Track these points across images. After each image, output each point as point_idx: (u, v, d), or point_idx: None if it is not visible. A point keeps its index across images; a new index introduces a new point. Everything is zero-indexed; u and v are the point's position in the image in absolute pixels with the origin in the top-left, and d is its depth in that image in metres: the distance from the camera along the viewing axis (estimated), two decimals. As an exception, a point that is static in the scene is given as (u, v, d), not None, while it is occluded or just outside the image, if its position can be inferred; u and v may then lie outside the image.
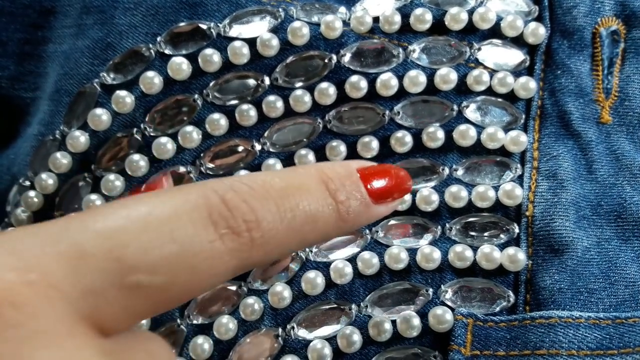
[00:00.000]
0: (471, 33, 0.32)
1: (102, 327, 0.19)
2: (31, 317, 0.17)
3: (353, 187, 0.25)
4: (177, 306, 0.26)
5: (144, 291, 0.19)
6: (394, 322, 0.29)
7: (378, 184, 0.25)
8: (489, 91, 0.31)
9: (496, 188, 0.30)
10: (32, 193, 0.32)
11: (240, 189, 0.22)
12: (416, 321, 0.29)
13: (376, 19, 0.31)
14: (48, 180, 0.32)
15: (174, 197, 0.21)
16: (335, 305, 0.30)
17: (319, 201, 0.23)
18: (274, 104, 0.31)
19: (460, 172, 0.31)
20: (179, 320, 0.30)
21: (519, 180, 0.30)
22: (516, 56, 0.32)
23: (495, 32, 0.32)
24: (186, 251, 0.20)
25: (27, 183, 0.33)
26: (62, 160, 0.32)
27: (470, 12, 0.31)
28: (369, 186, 0.25)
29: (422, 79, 0.31)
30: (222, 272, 0.21)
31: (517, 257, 0.29)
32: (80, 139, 0.32)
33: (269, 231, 0.22)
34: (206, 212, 0.21)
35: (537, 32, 0.32)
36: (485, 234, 0.30)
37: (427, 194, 0.30)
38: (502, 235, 0.30)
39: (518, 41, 0.32)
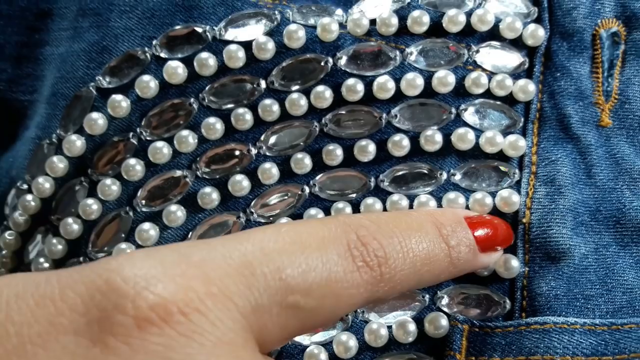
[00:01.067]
0: (469, 35, 0.31)
1: (262, 343, 0.21)
2: (214, 326, 0.19)
3: (463, 234, 0.26)
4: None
5: (299, 312, 0.21)
6: (390, 327, 0.29)
7: (484, 232, 0.27)
8: (488, 94, 0.31)
9: (493, 194, 0.30)
10: (29, 197, 0.32)
11: (369, 226, 0.24)
12: (412, 327, 0.29)
13: (373, 22, 0.31)
14: (45, 184, 0.32)
15: (318, 227, 0.23)
16: (331, 311, 0.30)
17: (435, 244, 0.25)
18: (270, 108, 0.31)
19: (457, 177, 0.30)
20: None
21: (517, 186, 0.30)
22: (515, 58, 0.31)
23: (493, 34, 0.31)
24: (333, 278, 0.22)
25: (25, 186, 0.33)
26: (59, 164, 0.32)
27: (468, 14, 0.31)
28: (475, 234, 0.27)
29: (420, 81, 0.31)
30: (356, 303, 0.23)
31: (510, 264, 0.29)
32: (76, 143, 0.32)
33: (395, 268, 0.24)
34: (346, 245, 0.23)
35: (536, 34, 0.31)
36: (483, 239, 0.30)
37: (424, 200, 0.30)
38: (498, 242, 0.30)
39: (517, 43, 0.31)
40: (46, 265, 0.32)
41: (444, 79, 0.31)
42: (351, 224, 0.24)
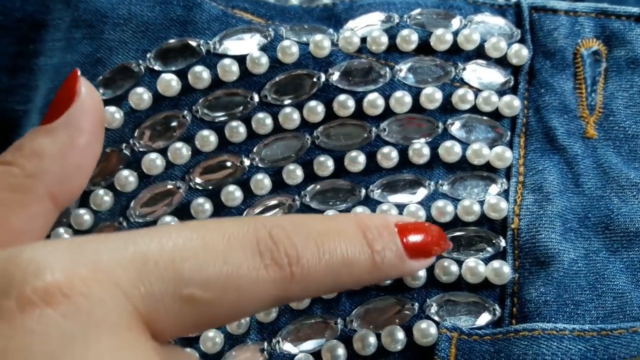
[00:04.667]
0: (456, 54, 0.32)
1: (155, 330, 0.21)
2: (97, 307, 0.20)
3: (390, 239, 0.26)
4: (221, 325, 0.27)
5: (196, 304, 0.22)
6: (378, 335, 0.29)
7: (414, 239, 0.27)
8: (474, 110, 0.32)
9: (482, 202, 0.31)
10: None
11: (285, 226, 0.24)
12: (400, 335, 0.29)
13: (364, 40, 0.32)
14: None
15: (228, 225, 0.23)
16: (321, 320, 0.29)
17: (356, 247, 0.25)
18: (263, 121, 0.31)
19: (446, 187, 0.31)
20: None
21: (505, 194, 0.31)
22: (500, 76, 0.32)
23: (479, 53, 0.32)
24: (235, 273, 0.22)
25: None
26: (51, 174, 0.32)
27: (455, 34, 0.32)
28: (404, 240, 0.26)
29: (408, 99, 0.32)
30: (264, 300, 0.23)
31: (502, 270, 0.29)
32: (69, 154, 0.32)
33: (307, 268, 0.24)
34: (255, 243, 0.23)
35: (520, 54, 0.32)
36: (472, 248, 0.30)
37: (414, 209, 0.31)
38: (488, 249, 0.30)
39: (502, 62, 0.32)
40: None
41: (432, 96, 0.32)
42: (266, 224, 0.24)
